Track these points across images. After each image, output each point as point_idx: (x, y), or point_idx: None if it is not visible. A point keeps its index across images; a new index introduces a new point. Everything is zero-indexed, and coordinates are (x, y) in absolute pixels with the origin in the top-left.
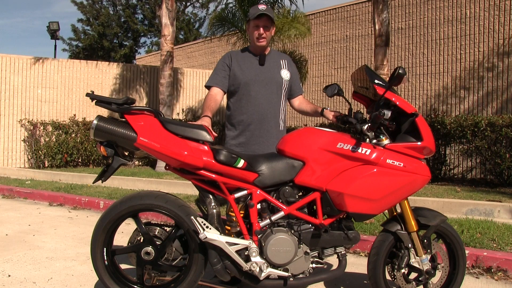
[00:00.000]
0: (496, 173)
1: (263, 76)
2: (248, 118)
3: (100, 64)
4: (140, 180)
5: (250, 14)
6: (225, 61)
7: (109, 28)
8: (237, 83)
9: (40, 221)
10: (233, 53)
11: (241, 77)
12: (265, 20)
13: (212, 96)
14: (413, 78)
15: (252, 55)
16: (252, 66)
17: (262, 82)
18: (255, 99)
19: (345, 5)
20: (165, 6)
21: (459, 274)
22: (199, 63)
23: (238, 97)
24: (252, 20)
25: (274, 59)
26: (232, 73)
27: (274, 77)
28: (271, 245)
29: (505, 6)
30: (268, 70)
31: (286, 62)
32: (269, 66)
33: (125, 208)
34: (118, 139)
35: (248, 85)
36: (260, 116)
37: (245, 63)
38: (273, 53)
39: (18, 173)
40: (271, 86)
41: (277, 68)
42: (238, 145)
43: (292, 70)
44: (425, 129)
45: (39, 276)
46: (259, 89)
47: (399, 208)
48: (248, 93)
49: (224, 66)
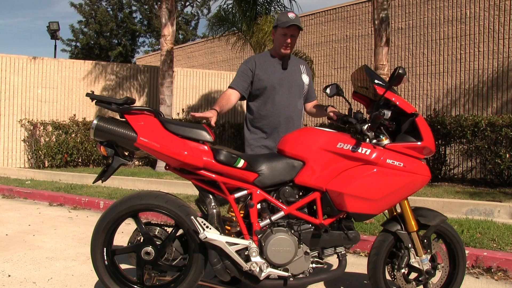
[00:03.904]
0: (496, 173)
1: (287, 80)
2: (275, 121)
3: (100, 64)
4: (140, 180)
5: (279, 21)
6: (247, 65)
7: (106, 26)
8: (262, 87)
9: (40, 221)
10: (256, 58)
11: (266, 81)
12: (294, 29)
13: (226, 95)
14: (413, 78)
15: (274, 59)
16: (276, 70)
17: (286, 86)
18: (280, 102)
19: (345, 5)
20: (165, 6)
21: (459, 274)
22: (199, 63)
23: (263, 100)
24: (281, 28)
25: (295, 63)
26: (257, 77)
27: (297, 80)
28: (271, 245)
29: (505, 6)
30: (291, 74)
31: (304, 68)
32: (291, 70)
33: (125, 208)
34: (118, 139)
35: (273, 89)
36: (287, 119)
37: (269, 67)
38: (293, 58)
39: (18, 173)
40: (295, 89)
41: (298, 73)
42: (264, 147)
43: (310, 75)
44: (425, 129)
45: (39, 276)
46: (284, 92)
47: (399, 208)
48: (274, 96)
49: (247, 71)
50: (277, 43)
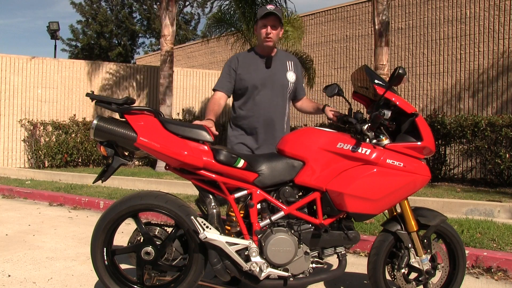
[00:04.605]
0: (496, 173)
1: (270, 79)
2: (254, 121)
3: (100, 64)
4: (140, 180)
5: (258, 15)
6: (231, 65)
7: (106, 27)
8: (243, 87)
9: (40, 221)
10: (239, 56)
11: (248, 81)
12: (273, 19)
13: (215, 100)
14: (413, 78)
15: (259, 56)
16: (259, 68)
17: (269, 86)
18: (261, 102)
19: (345, 5)
20: (165, 6)
21: (459, 274)
22: (199, 63)
23: (245, 100)
24: (260, 19)
25: (281, 60)
26: (239, 77)
27: (280, 80)
28: (271, 245)
29: (505, 6)
30: (274, 73)
31: (292, 64)
32: (275, 68)
33: (125, 208)
34: (118, 139)
35: (254, 89)
36: (266, 119)
37: (251, 66)
38: (280, 54)
39: (18, 173)
40: (277, 89)
41: (283, 71)
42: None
43: (298, 72)
44: (425, 129)
45: (39, 276)
46: (266, 92)
47: (399, 208)
48: (254, 96)
49: (230, 70)
50: (259, 37)
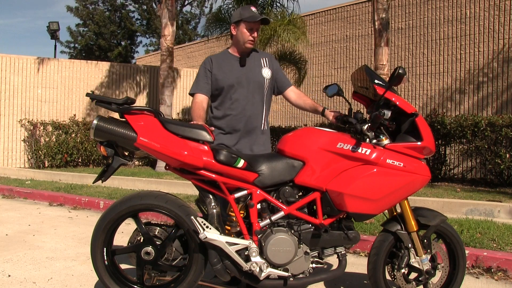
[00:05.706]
0: (496, 173)
1: (245, 77)
2: (232, 119)
3: (100, 64)
4: (140, 180)
5: (243, 16)
6: (206, 67)
7: (105, 27)
8: (219, 87)
9: (40, 221)
10: (213, 57)
11: (223, 80)
12: (259, 24)
13: (198, 103)
14: (413, 78)
15: (233, 56)
16: (233, 68)
17: (244, 84)
18: (237, 102)
19: (345, 5)
20: (165, 6)
21: (459, 274)
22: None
23: (221, 99)
24: (247, 22)
25: (255, 58)
26: (214, 77)
27: (255, 77)
28: (271, 245)
29: (505, 6)
30: (249, 71)
31: (267, 60)
32: (249, 66)
33: (125, 208)
34: (118, 139)
35: (231, 88)
36: (244, 118)
37: (226, 66)
38: (254, 53)
39: (18, 173)
40: (253, 87)
41: (258, 68)
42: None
43: (274, 66)
44: (425, 129)
45: (39, 276)
46: (242, 91)
47: (399, 208)
48: (231, 96)
49: (206, 72)
50: (241, 38)
